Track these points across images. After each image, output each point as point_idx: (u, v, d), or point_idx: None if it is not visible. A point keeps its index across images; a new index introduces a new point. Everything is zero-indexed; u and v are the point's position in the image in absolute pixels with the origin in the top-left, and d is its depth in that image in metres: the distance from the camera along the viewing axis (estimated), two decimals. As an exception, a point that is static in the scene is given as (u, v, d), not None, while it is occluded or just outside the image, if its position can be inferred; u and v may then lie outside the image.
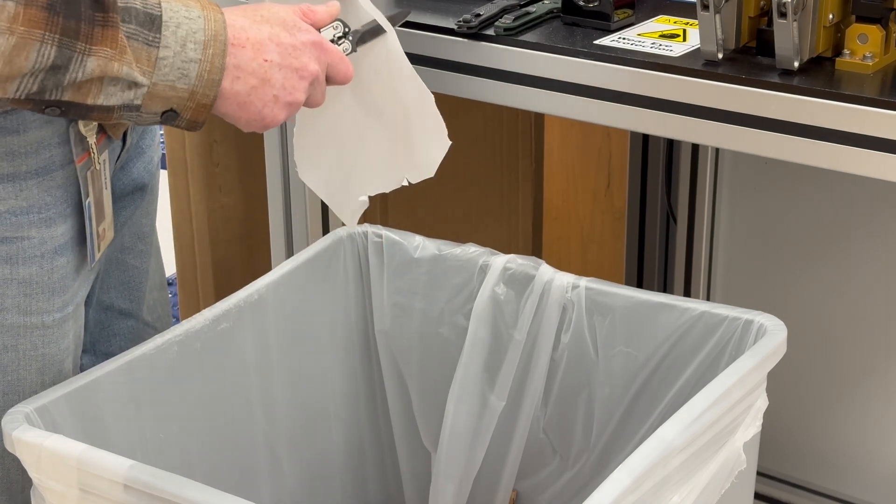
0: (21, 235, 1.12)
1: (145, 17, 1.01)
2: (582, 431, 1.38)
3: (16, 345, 1.15)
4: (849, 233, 1.90)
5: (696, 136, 1.27)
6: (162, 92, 1.02)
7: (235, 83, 1.06)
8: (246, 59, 1.06)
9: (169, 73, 1.02)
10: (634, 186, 2.30)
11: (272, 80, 1.07)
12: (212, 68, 1.04)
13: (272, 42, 1.07)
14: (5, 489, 1.20)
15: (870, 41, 1.21)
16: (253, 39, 1.07)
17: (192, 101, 1.04)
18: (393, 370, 1.47)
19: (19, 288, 1.13)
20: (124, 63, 0.99)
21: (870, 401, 1.95)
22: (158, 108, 1.04)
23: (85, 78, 0.99)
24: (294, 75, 1.09)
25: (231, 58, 1.05)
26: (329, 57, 1.12)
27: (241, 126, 1.10)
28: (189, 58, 1.02)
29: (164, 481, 1.03)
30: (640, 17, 1.39)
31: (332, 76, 1.14)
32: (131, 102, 1.02)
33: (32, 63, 0.96)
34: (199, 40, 1.03)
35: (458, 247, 1.40)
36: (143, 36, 1.00)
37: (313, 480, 1.46)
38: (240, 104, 1.07)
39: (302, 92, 1.10)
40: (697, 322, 1.28)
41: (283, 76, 1.08)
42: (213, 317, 1.29)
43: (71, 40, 0.97)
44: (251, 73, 1.06)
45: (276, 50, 1.07)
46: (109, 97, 1.01)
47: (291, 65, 1.08)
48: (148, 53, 1.01)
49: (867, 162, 1.17)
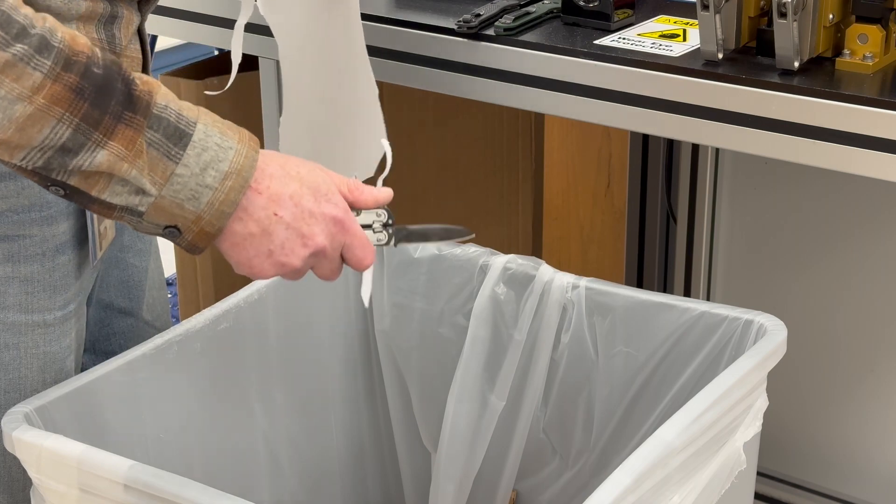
0: (22, 233, 1.12)
1: (175, 130, 1.00)
2: (582, 431, 1.38)
3: (17, 343, 1.15)
4: (849, 233, 1.90)
5: (696, 136, 1.27)
6: (168, 207, 1.01)
7: (236, 223, 1.04)
8: (256, 206, 1.03)
9: (180, 192, 1.00)
10: (634, 186, 2.30)
11: (273, 235, 1.05)
12: (225, 200, 1.02)
13: (291, 200, 1.05)
14: (7, 488, 1.20)
15: (870, 41, 1.22)
16: (273, 190, 1.04)
17: (197, 226, 1.02)
18: (393, 370, 1.47)
19: (21, 286, 1.13)
20: (135, 167, 0.98)
21: (870, 401, 1.95)
22: (161, 222, 1.02)
23: (92, 169, 0.97)
24: (298, 240, 1.06)
25: (243, 199, 1.03)
26: (348, 238, 1.08)
27: (231, 264, 1.07)
28: (205, 183, 1.01)
29: (164, 481, 1.03)
30: (640, 17, 1.39)
31: (347, 259, 1.10)
32: (135, 208, 1.00)
33: (43, 138, 0.95)
34: (222, 170, 1.01)
35: (458, 247, 1.40)
36: (165, 148, 0.99)
37: (313, 480, 1.46)
38: (233, 244, 1.05)
39: (299, 259, 1.06)
40: (697, 322, 1.28)
41: (286, 236, 1.05)
42: (213, 317, 1.29)
43: (89, 128, 0.96)
44: (255, 221, 1.04)
45: (291, 209, 1.05)
46: (114, 196, 0.99)
47: (300, 229, 1.05)
48: (164, 166, 0.99)
49: (867, 162, 1.17)
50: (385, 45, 1.44)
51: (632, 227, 2.33)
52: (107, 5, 1.08)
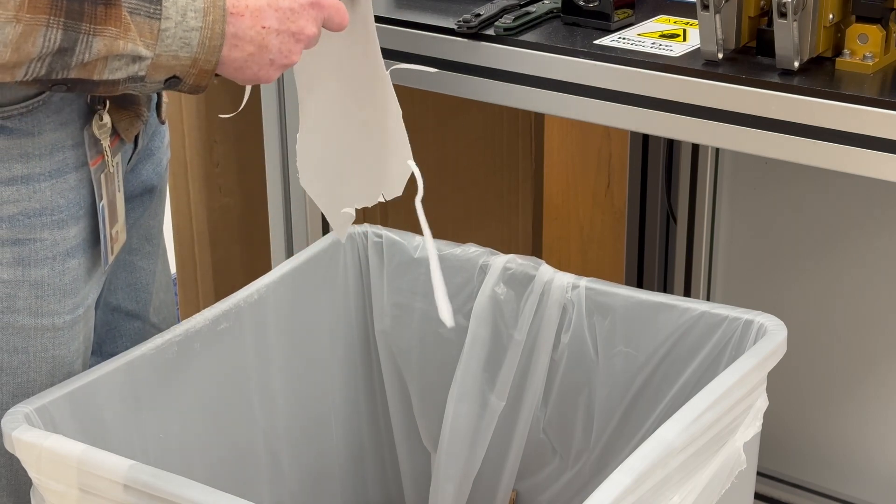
0: (34, 237, 1.12)
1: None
2: (582, 431, 1.38)
3: (26, 346, 1.15)
4: (849, 233, 1.90)
5: (696, 136, 1.27)
6: (165, 62, 1.04)
7: (233, 51, 1.07)
8: (244, 28, 1.07)
9: (171, 44, 1.03)
10: (634, 186, 2.30)
11: (269, 45, 1.08)
12: (212, 34, 1.05)
13: (270, 7, 1.08)
14: (13, 490, 1.20)
15: (870, 41, 1.21)
16: (252, 6, 1.07)
17: (195, 68, 1.05)
18: (393, 370, 1.47)
19: (31, 290, 1.13)
20: (129, 40, 1.01)
21: (870, 401, 1.95)
22: (162, 77, 1.05)
23: (92, 58, 1.00)
24: (291, 39, 1.09)
25: (229, 27, 1.06)
26: (326, 11, 1.12)
27: (238, 82, 1.11)
28: (190, 26, 1.03)
29: (164, 481, 1.03)
30: (640, 17, 1.39)
31: (328, 27, 1.14)
32: (136, 74, 1.03)
33: (40, 48, 0.98)
34: (199, 8, 1.04)
35: (458, 247, 1.40)
36: (144, 9, 1.02)
37: (313, 480, 1.46)
38: (236, 69, 1.08)
39: (297, 54, 1.11)
40: (697, 322, 1.28)
41: (279, 41, 1.09)
42: (213, 317, 1.29)
43: (76, 22, 0.98)
44: (249, 41, 1.07)
45: (274, 16, 1.08)
46: (115, 72, 1.02)
47: (289, 29, 1.09)
48: (150, 26, 1.02)
49: (867, 162, 1.17)
50: (385, 45, 1.43)
51: (632, 227, 2.33)
52: None
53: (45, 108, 1.10)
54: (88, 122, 1.13)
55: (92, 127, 1.13)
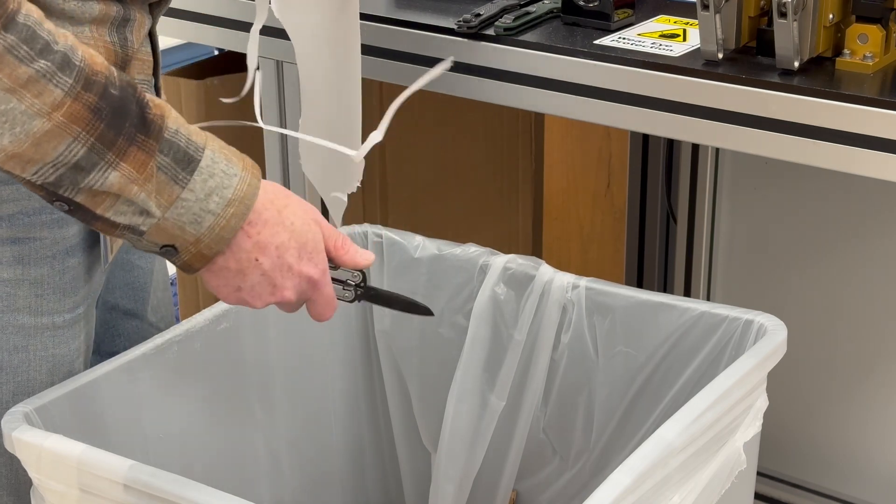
0: (33, 236, 1.12)
1: (184, 155, 1.01)
2: (582, 431, 1.38)
3: (26, 345, 1.15)
4: (849, 233, 1.90)
5: (696, 136, 1.27)
6: (170, 229, 1.02)
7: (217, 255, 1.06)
8: (241, 248, 1.05)
9: (183, 215, 1.02)
10: (634, 186, 2.30)
11: (247, 276, 1.07)
12: (226, 226, 1.03)
13: (276, 251, 1.07)
14: (14, 489, 1.20)
15: (870, 41, 1.22)
16: (263, 238, 1.06)
17: (195, 248, 1.04)
18: (393, 370, 1.47)
19: (31, 288, 1.13)
20: (144, 190, 0.99)
21: (870, 401, 1.95)
22: (161, 241, 1.03)
23: (103, 189, 0.98)
24: (268, 288, 1.08)
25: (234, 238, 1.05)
26: (315, 296, 1.11)
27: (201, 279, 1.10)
28: (208, 209, 1.02)
29: (164, 481, 1.03)
30: (640, 17, 1.39)
31: (308, 309, 1.13)
32: (137, 227, 1.02)
33: (58, 154, 0.96)
34: (226, 197, 1.03)
35: (458, 247, 1.40)
36: (173, 172, 1.00)
37: (313, 480, 1.46)
38: (208, 269, 1.07)
39: (262, 303, 1.09)
40: (697, 322, 1.28)
41: (258, 281, 1.07)
42: (213, 317, 1.29)
43: (103, 148, 0.97)
44: (235, 259, 1.06)
45: (273, 259, 1.07)
46: (119, 215, 1.01)
47: (274, 280, 1.08)
48: (171, 190, 1.01)
49: (867, 162, 1.17)
50: (385, 45, 1.44)
51: (632, 227, 2.33)
52: (120, 8, 1.08)
53: None
54: None
55: None
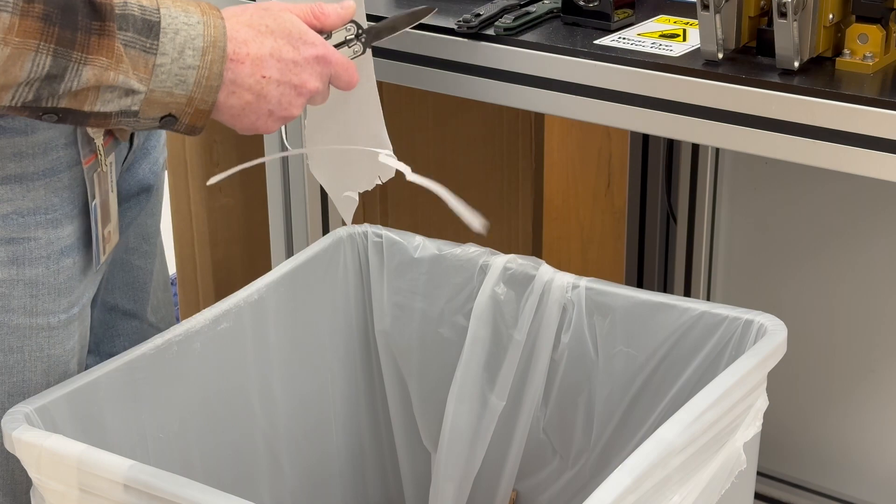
0: (28, 236, 1.12)
1: (143, 23, 1.00)
2: (582, 431, 1.38)
3: (21, 346, 1.15)
4: (849, 233, 1.90)
5: (696, 136, 1.27)
6: (159, 98, 1.02)
7: (230, 97, 1.05)
8: (243, 75, 1.05)
9: (166, 80, 1.01)
10: (634, 186, 2.30)
11: (268, 96, 1.07)
12: (210, 75, 1.03)
13: (273, 58, 1.06)
14: (10, 490, 1.20)
15: (870, 41, 1.21)
16: (253, 55, 1.05)
17: (191, 107, 1.04)
18: (393, 370, 1.47)
19: (25, 289, 1.13)
20: (120, 72, 0.99)
21: (869, 401, 1.95)
22: (157, 114, 1.03)
23: (80, 87, 0.98)
24: (292, 92, 1.08)
25: (228, 73, 1.04)
26: (333, 68, 1.11)
27: (237, 130, 1.10)
28: (187, 64, 1.02)
29: (164, 481, 1.03)
30: (640, 17, 1.39)
31: (335, 85, 1.13)
32: (129, 108, 1.01)
33: (27, 73, 0.96)
34: (198, 46, 1.02)
35: (458, 247, 1.40)
36: (140, 43, 1.00)
37: (313, 480, 1.46)
38: (233, 116, 1.07)
39: (298, 107, 1.09)
40: (697, 322, 1.28)
41: (280, 92, 1.07)
42: (213, 317, 1.29)
43: (66, 50, 0.97)
44: (247, 89, 1.05)
45: (276, 66, 1.06)
46: (106, 104, 1.00)
47: (290, 81, 1.07)
48: (145, 60, 1.00)
49: (867, 162, 1.17)
50: (385, 45, 1.44)
51: (632, 227, 2.33)
52: None
53: None
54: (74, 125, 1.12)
55: None
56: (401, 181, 1.47)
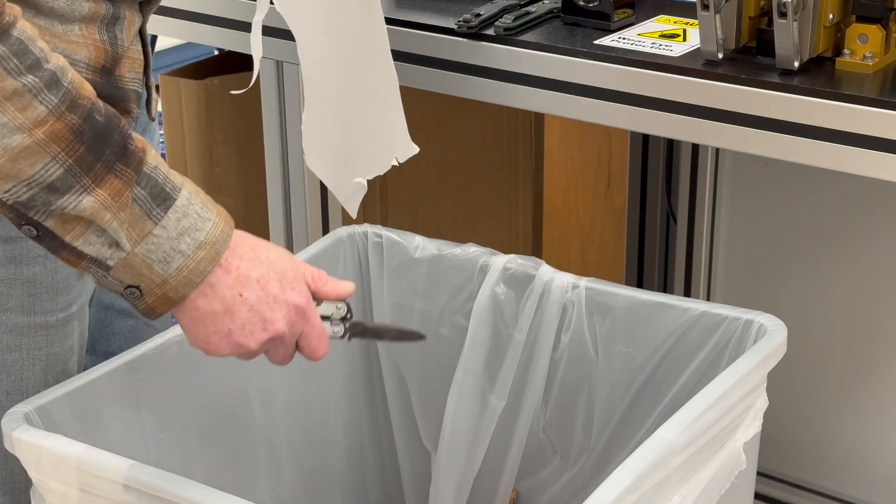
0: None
1: (160, 191, 1.00)
2: (582, 431, 1.38)
3: (20, 345, 1.15)
4: (849, 233, 1.90)
5: (696, 136, 1.27)
6: (137, 266, 1.00)
7: (200, 299, 1.04)
8: (223, 285, 1.04)
9: (153, 252, 1.00)
10: (634, 186, 2.30)
11: (236, 315, 1.05)
12: (195, 269, 1.02)
13: (258, 284, 1.05)
14: (9, 490, 1.20)
15: (870, 41, 1.22)
16: (242, 271, 1.04)
17: (161, 290, 1.02)
18: (393, 370, 1.47)
19: (23, 288, 1.13)
20: (116, 219, 0.98)
21: (869, 401, 1.95)
22: (126, 280, 1.02)
23: (75, 212, 0.97)
24: (259, 323, 1.06)
25: (212, 276, 1.03)
26: (306, 327, 1.09)
27: (188, 339, 1.07)
28: (179, 249, 1.01)
29: (164, 481, 1.03)
30: (640, 17, 1.39)
31: (301, 347, 1.11)
32: (104, 261, 1.00)
33: (34, 173, 0.95)
34: (198, 239, 1.02)
35: (458, 247, 1.40)
36: (147, 206, 0.99)
37: (313, 480, 1.46)
38: (194, 319, 1.05)
39: (256, 342, 1.06)
40: (697, 322, 1.28)
41: (247, 317, 1.05)
42: (213, 317, 1.29)
43: (81, 172, 0.96)
44: (220, 299, 1.04)
45: (257, 292, 1.05)
46: (87, 245, 0.99)
47: (262, 312, 1.05)
48: (143, 225, 0.99)
49: (867, 162, 1.17)
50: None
51: (632, 227, 2.33)
52: (109, 6, 1.08)
53: None
54: None
55: None
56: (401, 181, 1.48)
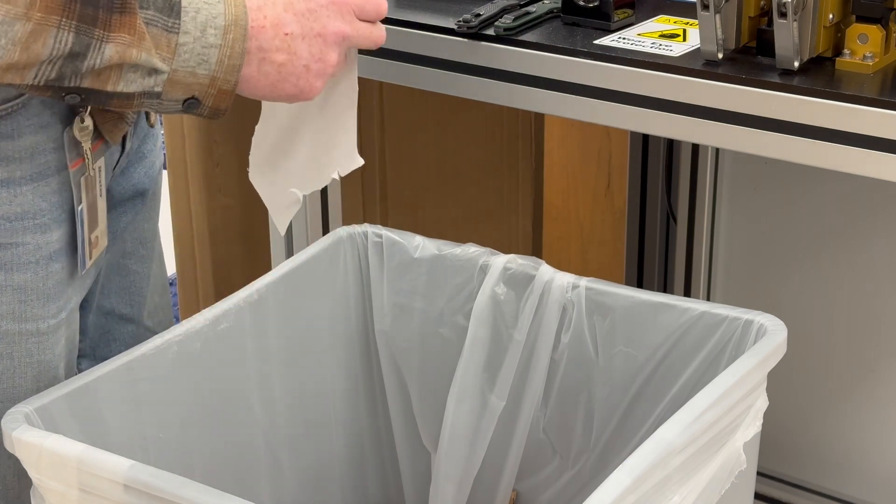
0: (15, 241, 1.11)
1: (164, 2, 1.00)
2: (582, 431, 1.38)
3: (11, 352, 1.14)
4: (849, 233, 1.90)
5: (696, 136, 1.27)
6: (182, 78, 1.01)
7: (263, 64, 1.05)
8: (267, 38, 1.04)
9: (189, 59, 1.01)
10: (634, 186, 2.30)
11: (298, 51, 1.05)
12: (232, 53, 1.02)
13: (288, 13, 1.05)
14: (2, 495, 1.20)
15: (870, 41, 1.21)
16: (271, 17, 1.04)
17: (213, 88, 1.03)
18: (393, 370, 1.47)
19: (14, 294, 1.13)
20: (143, 49, 0.99)
21: (869, 401, 1.95)
22: (180, 96, 1.03)
23: (104, 65, 0.98)
24: (319, 41, 1.06)
25: (253, 41, 1.04)
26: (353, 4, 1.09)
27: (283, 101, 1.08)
28: (209, 43, 1.01)
29: (164, 481, 1.03)
30: (640, 17, 1.39)
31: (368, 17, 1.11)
32: (151, 89, 1.01)
33: (50, 50, 0.96)
34: (220, 25, 1.02)
35: (458, 247, 1.40)
36: (161, 22, 1.00)
37: (313, 480, 1.46)
38: (272, 84, 1.06)
39: (334, 55, 1.08)
40: (697, 322, 1.28)
41: (307, 45, 1.06)
42: (213, 317, 1.29)
43: (88, 27, 0.96)
44: (276, 50, 1.05)
45: (293, 20, 1.05)
46: (129, 84, 1.00)
47: (312, 30, 1.06)
48: (168, 39, 1.00)
49: (867, 162, 1.17)
50: (385, 45, 1.43)
51: (632, 227, 2.33)
52: None
53: (25, 110, 1.08)
54: (69, 124, 1.11)
55: (73, 129, 1.11)
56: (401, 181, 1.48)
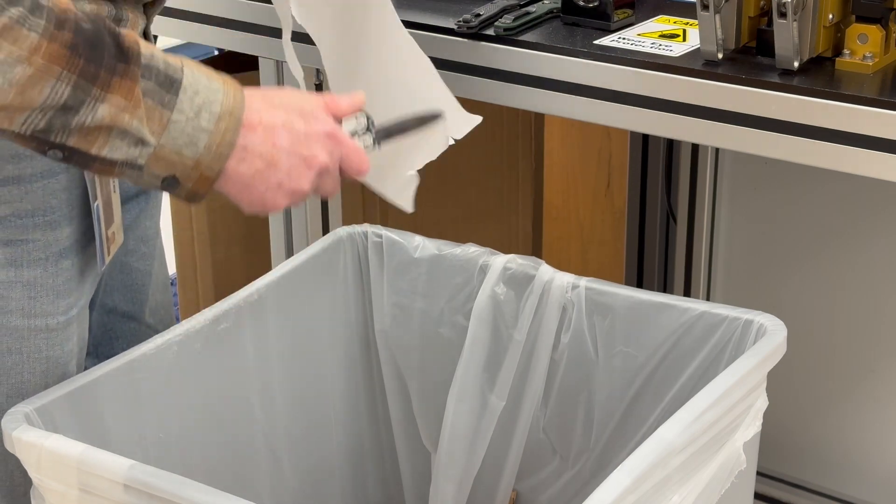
0: (26, 238, 1.12)
1: (165, 77, 1.00)
2: (582, 431, 1.38)
3: (20, 347, 1.15)
4: (849, 233, 1.90)
5: (696, 136, 1.27)
6: (167, 155, 1.01)
7: (241, 164, 1.04)
8: (255, 142, 1.04)
9: (178, 138, 1.00)
10: (634, 186, 2.30)
11: (278, 165, 1.05)
12: (222, 142, 1.02)
13: (284, 128, 1.06)
14: (8, 492, 1.20)
15: (870, 41, 1.22)
16: (266, 123, 1.05)
17: (196, 172, 1.02)
18: (393, 370, 1.47)
19: (24, 290, 1.13)
20: (135, 117, 0.98)
21: (869, 401, 1.95)
22: (161, 172, 1.02)
23: (94, 124, 0.97)
24: (301, 164, 1.07)
25: (241, 139, 1.03)
26: (343, 149, 1.10)
27: (243, 208, 1.08)
28: (201, 127, 1.01)
29: (164, 481, 1.03)
30: (640, 17, 1.39)
31: (345, 169, 1.11)
32: (135, 161, 1.00)
33: (45, 98, 0.95)
34: (215, 112, 1.02)
35: (458, 247, 1.40)
36: (158, 96, 1.00)
37: (313, 480, 1.46)
38: (243, 185, 1.05)
39: (308, 182, 1.08)
40: (697, 322, 1.28)
41: (290, 163, 1.06)
42: (213, 317, 1.29)
43: (87, 84, 0.96)
44: (258, 156, 1.04)
45: (286, 136, 1.06)
46: (114, 150, 0.99)
47: (300, 153, 1.06)
48: (160, 114, 1.00)
49: (867, 162, 1.17)
50: (385, 45, 1.44)
51: (632, 227, 2.33)
52: (111, 8, 1.08)
53: None
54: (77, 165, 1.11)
55: None
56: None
